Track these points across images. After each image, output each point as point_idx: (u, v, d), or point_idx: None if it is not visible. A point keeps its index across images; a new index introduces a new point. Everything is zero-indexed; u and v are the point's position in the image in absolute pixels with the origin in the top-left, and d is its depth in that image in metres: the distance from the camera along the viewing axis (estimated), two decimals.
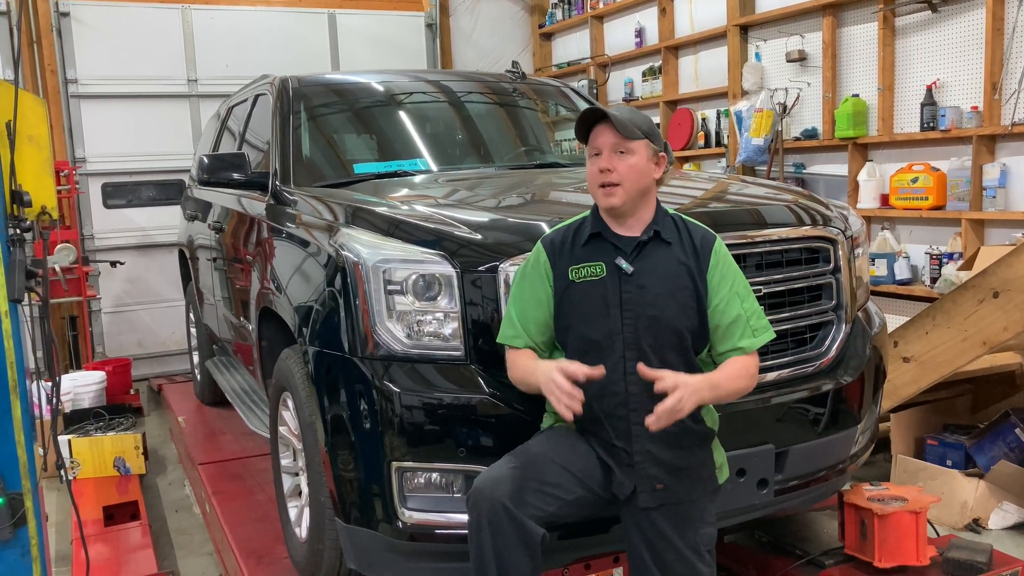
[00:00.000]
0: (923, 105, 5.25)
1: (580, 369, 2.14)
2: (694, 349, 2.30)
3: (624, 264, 2.26)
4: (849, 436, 2.93)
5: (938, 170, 5.21)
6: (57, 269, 6.14)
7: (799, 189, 3.49)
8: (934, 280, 5.17)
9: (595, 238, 2.30)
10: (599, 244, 2.30)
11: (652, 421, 2.10)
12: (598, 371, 2.16)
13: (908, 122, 5.46)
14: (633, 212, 2.29)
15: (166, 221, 7.00)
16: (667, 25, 7.38)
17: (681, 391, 2.08)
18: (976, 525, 3.85)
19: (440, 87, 4.42)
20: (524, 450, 2.29)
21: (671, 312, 2.24)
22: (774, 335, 2.36)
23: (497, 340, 2.38)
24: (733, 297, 2.29)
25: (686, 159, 7.29)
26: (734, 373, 2.25)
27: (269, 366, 3.31)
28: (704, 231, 2.35)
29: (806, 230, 2.86)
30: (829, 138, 5.91)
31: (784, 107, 6.20)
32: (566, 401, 2.11)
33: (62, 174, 6.39)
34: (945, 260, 5.15)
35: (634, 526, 2.30)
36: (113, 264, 6.91)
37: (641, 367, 2.15)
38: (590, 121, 2.29)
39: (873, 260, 5.37)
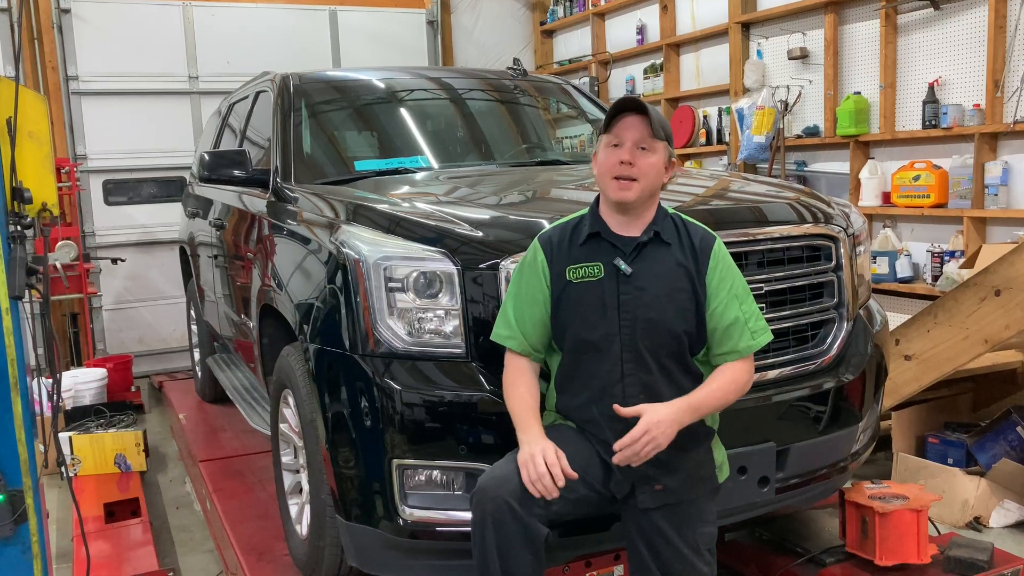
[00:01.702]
0: (925, 103, 5.24)
1: (566, 471, 2.15)
2: (691, 351, 2.29)
3: (623, 265, 2.24)
4: (850, 434, 2.93)
5: (940, 168, 5.20)
6: (58, 266, 6.14)
7: (801, 187, 3.48)
8: (936, 278, 5.16)
9: (594, 237, 2.29)
10: (597, 244, 2.28)
11: (617, 459, 2.15)
12: (572, 476, 2.17)
13: (910, 120, 5.45)
14: (638, 210, 2.27)
15: (167, 218, 7.00)
16: (669, 22, 7.37)
17: (650, 433, 2.12)
18: (977, 523, 3.85)
19: (441, 84, 4.42)
20: None
21: (669, 315, 2.23)
22: (772, 337, 2.35)
23: (491, 337, 2.37)
24: (732, 300, 2.27)
25: (687, 156, 7.28)
26: (720, 388, 2.25)
27: (270, 363, 3.31)
28: (704, 232, 2.33)
29: (808, 228, 2.85)
30: (831, 136, 5.90)
31: (786, 105, 6.19)
32: (539, 487, 2.13)
33: (63, 171, 6.39)
34: (947, 258, 5.14)
35: (634, 525, 2.29)
36: (114, 261, 6.91)
37: (617, 408, 2.18)
38: (621, 110, 2.26)
39: (875, 258, 5.36)
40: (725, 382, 2.26)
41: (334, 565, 2.83)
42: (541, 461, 2.14)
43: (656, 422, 2.13)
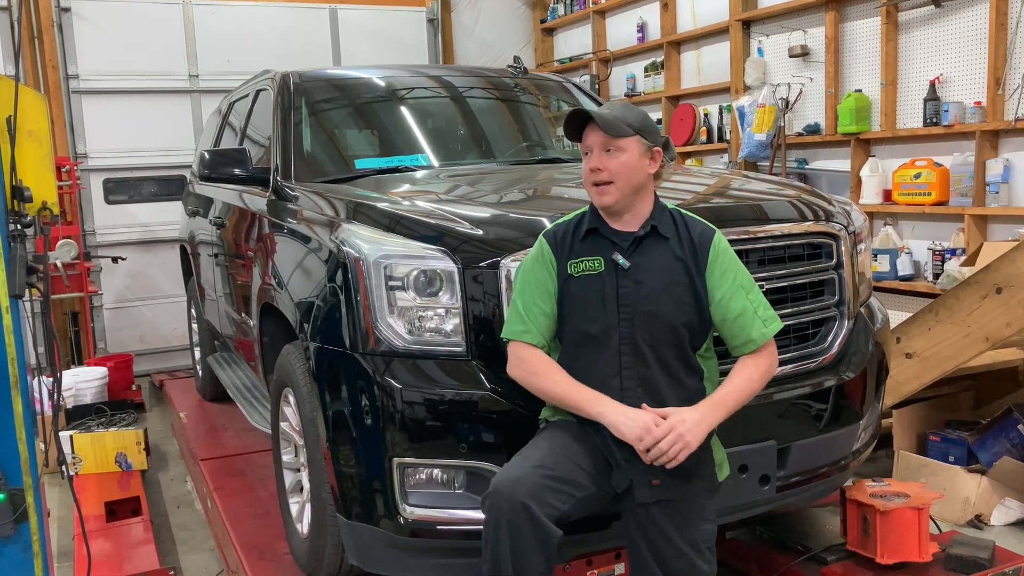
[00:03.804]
0: (926, 100, 5.23)
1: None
2: (692, 345, 2.29)
3: (620, 259, 2.26)
4: (851, 432, 2.93)
5: (941, 165, 5.19)
6: (58, 265, 6.13)
7: (801, 185, 3.48)
8: (937, 276, 5.16)
9: (593, 233, 2.31)
10: (597, 239, 2.31)
11: (649, 457, 2.15)
12: None
13: (911, 117, 5.44)
14: (629, 208, 2.29)
15: (167, 217, 7.00)
16: (669, 20, 7.36)
17: (676, 431, 2.14)
18: (978, 521, 3.84)
19: (441, 82, 4.41)
20: (536, 448, 2.28)
21: (667, 308, 2.25)
22: (782, 324, 2.36)
23: (502, 335, 2.36)
24: (737, 290, 2.28)
25: (688, 154, 7.28)
26: (744, 380, 2.27)
27: (270, 362, 3.31)
28: (703, 226, 2.34)
29: (808, 226, 2.85)
30: (832, 133, 5.89)
31: (786, 102, 6.18)
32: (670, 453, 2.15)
33: (63, 170, 6.38)
34: (948, 256, 5.13)
35: (634, 521, 2.29)
36: (115, 260, 6.90)
37: (645, 408, 2.21)
38: (579, 122, 2.29)
39: (875, 256, 5.35)
40: (747, 373, 2.28)
41: (335, 564, 2.83)
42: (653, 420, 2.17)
43: (681, 420, 2.16)
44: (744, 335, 2.29)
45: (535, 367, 2.30)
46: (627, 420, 2.17)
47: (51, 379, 2.66)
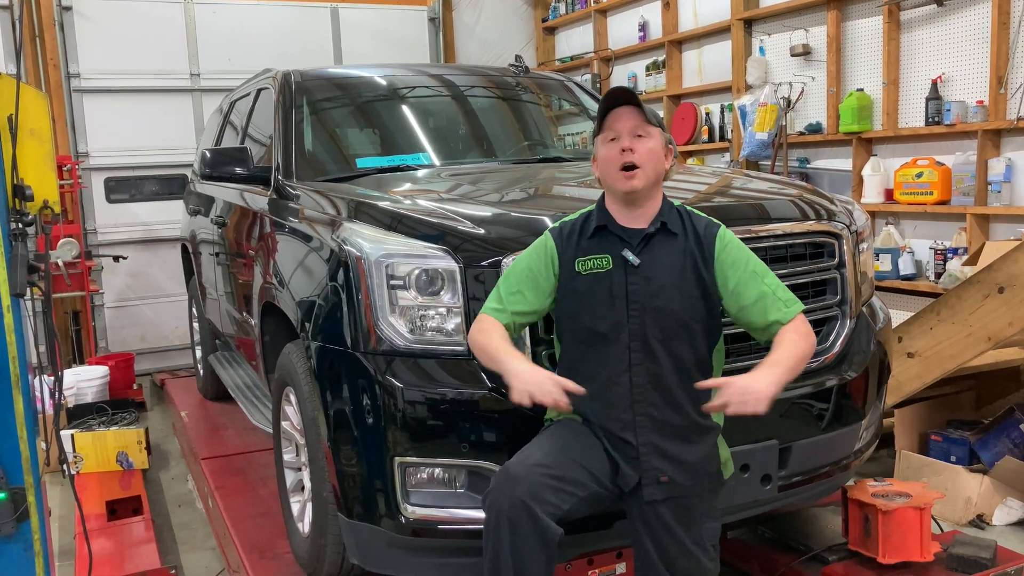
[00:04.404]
0: (928, 99, 5.22)
1: (573, 387, 2.14)
2: (705, 342, 2.29)
3: (630, 256, 2.26)
4: (853, 432, 2.93)
5: (943, 165, 5.19)
6: (60, 264, 6.13)
7: (803, 184, 3.48)
8: (939, 275, 5.15)
9: (601, 231, 2.31)
10: (605, 237, 2.30)
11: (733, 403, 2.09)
12: (579, 390, 2.16)
13: (913, 116, 5.43)
14: (645, 201, 2.29)
15: (169, 216, 7.01)
16: (671, 19, 7.36)
17: (735, 394, 2.07)
18: (980, 521, 3.84)
19: (443, 81, 4.41)
20: (538, 447, 2.27)
21: (677, 304, 2.24)
22: (803, 306, 2.32)
23: (480, 312, 2.34)
24: (751, 276, 2.27)
25: (690, 154, 7.27)
26: (791, 345, 2.21)
27: (272, 361, 3.31)
28: (708, 220, 2.35)
29: (810, 225, 2.84)
30: (833, 133, 5.89)
31: (788, 101, 6.18)
32: (555, 394, 2.12)
33: (64, 168, 6.39)
34: (950, 255, 5.13)
35: (640, 520, 2.29)
36: (116, 259, 6.91)
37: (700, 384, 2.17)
38: (611, 104, 2.29)
39: (877, 255, 5.35)
40: (790, 337, 2.22)
41: (336, 563, 2.83)
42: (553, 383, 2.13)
43: (740, 379, 2.11)
44: (765, 318, 2.26)
45: (487, 326, 2.28)
46: (523, 372, 2.15)
47: (52, 378, 2.65)
